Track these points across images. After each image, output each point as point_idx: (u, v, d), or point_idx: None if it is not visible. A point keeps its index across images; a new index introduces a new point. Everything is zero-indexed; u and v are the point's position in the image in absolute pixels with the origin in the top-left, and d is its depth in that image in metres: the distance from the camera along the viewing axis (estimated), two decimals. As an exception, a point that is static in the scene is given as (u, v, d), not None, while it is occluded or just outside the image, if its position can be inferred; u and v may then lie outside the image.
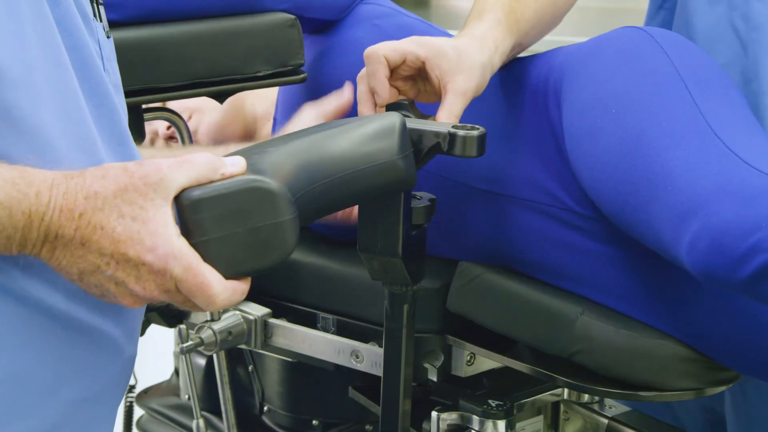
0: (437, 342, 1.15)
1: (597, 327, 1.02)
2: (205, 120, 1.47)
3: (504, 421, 1.12)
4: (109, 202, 0.74)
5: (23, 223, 0.73)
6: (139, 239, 0.74)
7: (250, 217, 0.79)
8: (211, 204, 0.77)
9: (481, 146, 0.95)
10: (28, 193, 0.73)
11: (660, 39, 1.05)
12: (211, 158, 0.77)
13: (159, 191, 0.75)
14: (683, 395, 1.02)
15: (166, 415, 1.47)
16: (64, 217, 0.74)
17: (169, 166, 0.75)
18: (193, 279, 0.75)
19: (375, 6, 1.31)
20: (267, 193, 0.79)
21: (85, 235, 0.74)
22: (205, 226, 0.77)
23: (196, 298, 0.76)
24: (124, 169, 0.75)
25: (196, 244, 0.77)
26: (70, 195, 0.74)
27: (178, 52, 1.15)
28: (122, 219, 0.74)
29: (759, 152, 0.91)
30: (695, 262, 0.87)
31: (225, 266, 0.78)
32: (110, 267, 0.75)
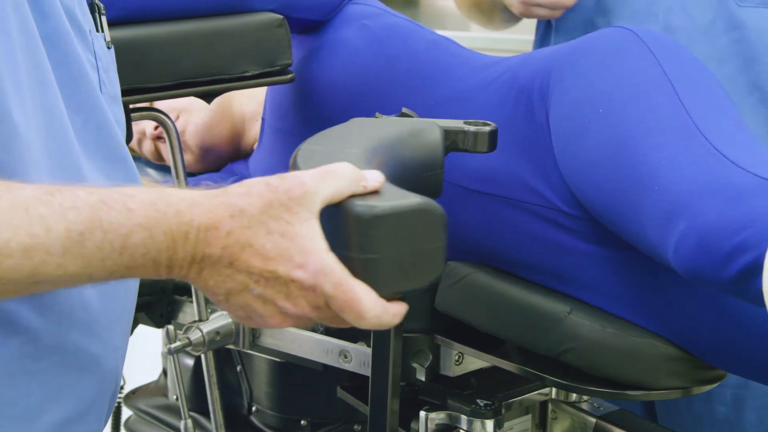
0: (426, 342, 1.15)
1: (585, 326, 1.02)
2: (193, 120, 1.46)
3: (492, 421, 1.12)
4: (256, 219, 0.72)
5: (166, 244, 0.71)
6: (289, 256, 0.72)
7: (418, 238, 0.77)
8: (387, 221, 0.74)
9: (492, 142, 0.95)
10: (167, 213, 0.71)
11: (646, 38, 1.05)
12: (353, 170, 0.75)
13: (304, 204, 0.72)
14: (670, 394, 1.03)
15: (154, 416, 1.47)
16: (211, 235, 0.71)
17: (312, 178, 0.73)
18: (344, 295, 0.73)
19: (363, 6, 1.31)
20: (437, 216, 0.77)
21: (233, 254, 0.72)
22: (376, 244, 0.74)
23: (346, 314, 0.73)
24: (266, 184, 0.73)
25: (361, 259, 0.74)
26: (214, 213, 0.71)
27: (166, 52, 1.15)
28: (270, 236, 0.72)
29: (744, 151, 0.91)
30: (682, 262, 0.87)
31: (382, 285, 0.75)
32: (259, 285, 0.73)
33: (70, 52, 0.80)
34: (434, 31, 1.31)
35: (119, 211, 0.70)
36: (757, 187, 0.86)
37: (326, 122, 1.27)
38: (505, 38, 3.45)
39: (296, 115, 1.31)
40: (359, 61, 1.23)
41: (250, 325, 0.76)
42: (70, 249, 0.68)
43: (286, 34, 1.22)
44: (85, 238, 0.69)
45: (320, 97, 1.27)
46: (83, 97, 0.81)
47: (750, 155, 0.91)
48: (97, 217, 0.69)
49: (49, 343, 0.78)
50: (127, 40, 1.13)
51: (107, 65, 0.87)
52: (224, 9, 1.20)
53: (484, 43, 3.35)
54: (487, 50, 1.46)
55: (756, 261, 0.81)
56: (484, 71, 1.19)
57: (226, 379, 1.41)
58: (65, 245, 0.68)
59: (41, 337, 0.77)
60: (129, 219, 0.70)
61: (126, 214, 0.70)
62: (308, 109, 1.30)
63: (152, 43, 1.15)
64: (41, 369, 0.78)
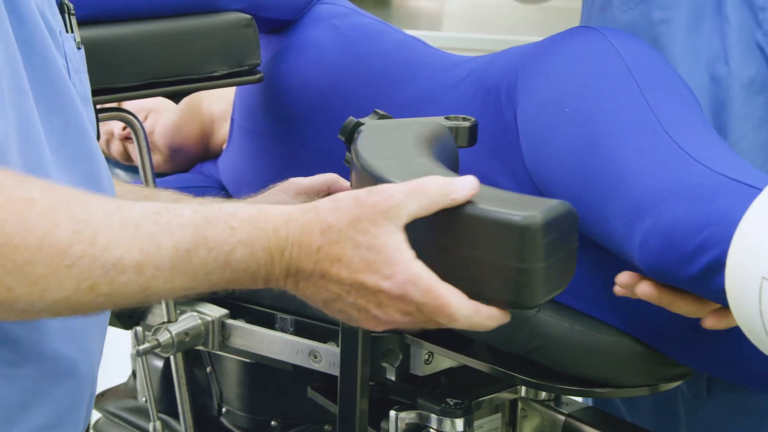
0: (395, 341, 1.15)
1: (552, 325, 1.03)
2: (162, 120, 1.46)
3: (462, 420, 1.12)
4: (344, 234, 0.75)
5: (265, 260, 0.75)
6: (376, 268, 0.75)
7: (567, 241, 0.78)
8: (547, 228, 0.75)
9: (473, 136, 0.97)
10: (266, 230, 0.74)
11: (613, 39, 1.06)
12: (443, 184, 0.77)
13: (390, 218, 0.75)
14: (637, 391, 1.03)
15: (123, 418, 1.46)
16: (303, 252, 0.75)
17: (401, 193, 0.76)
18: (434, 301, 0.76)
19: (332, 6, 1.31)
20: (576, 216, 0.79)
21: (324, 268, 0.75)
22: (538, 252, 0.75)
23: (439, 317, 0.77)
24: (355, 198, 0.76)
25: (519, 269, 0.75)
26: (307, 229, 0.75)
27: (133, 52, 1.14)
28: (358, 249, 0.75)
29: (709, 150, 0.92)
30: (646, 259, 0.88)
31: (538, 294, 0.76)
32: (351, 295, 0.76)
33: (48, 55, 0.80)
34: (406, 31, 1.31)
35: (222, 229, 0.73)
36: (721, 186, 0.87)
37: (295, 122, 1.27)
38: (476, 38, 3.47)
39: (265, 115, 1.31)
40: (328, 60, 1.23)
41: (352, 325, 0.80)
42: (178, 265, 0.71)
43: (255, 33, 1.22)
44: (192, 255, 0.72)
45: (289, 97, 1.27)
46: (63, 101, 0.81)
47: (715, 154, 0.92)
48: (202, 235, 0.72)
49: (28, 350, 0.78)
50: (95, 40, 1.13)
51: (78, 66, 0.87)
52: (192, 9, 1.19)
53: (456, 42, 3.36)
54: (459, 50, 1.47)
55: (718, 258, 0.82)
56: (452, 71, 1.20)
57: (196, 381, 1.40)
58: (173, 261, 0.71)
59: (21, 343, 0.77)
60: (232, 236, 0.73)
61: (229, 231, 0.73)
62: (277, 109, 1.29)
63: (119, 43, 1.15)
64: (20, 375, 0.78)
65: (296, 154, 1.27)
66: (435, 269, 0.77)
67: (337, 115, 1.20)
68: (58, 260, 0.66)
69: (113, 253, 0.68)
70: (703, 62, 1.15)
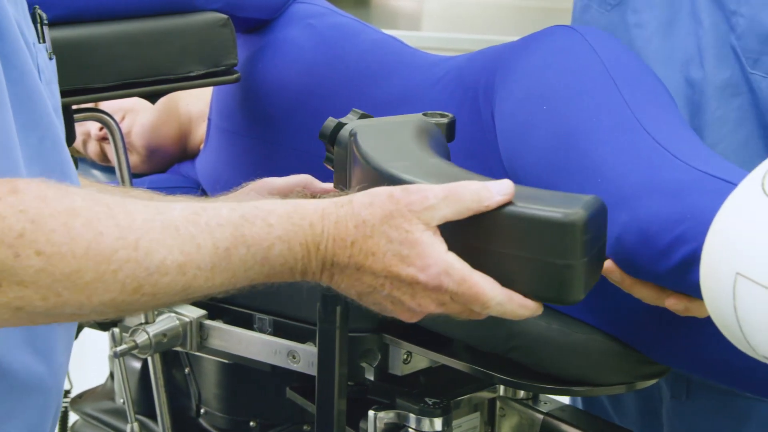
0: (374, 341, 1.15)
1: (530, 323, 1.03)
2: (139, 121, 1.45)
3: (441, 419, 1.12)
4: (378, 229, 0.77)
5: (302, 254, 0.77)
6: (410, 261, 0.77)
7: (601, 236, 0.81)
8: (587, 225, 0.77)
9: (451, 133, 0.98)
10: (302, 225, 0.77)
11: (590, 37, 1.06)
12: (477, 190, 0.79)
13: (422, 218, 0.78)
14: (615, 389, 1.03)
15: (101, 420, 1.45)
16: (338, 245, 0.78)
17: (436, 197, 0.78)
18: (469, 290, 0.78)
19: (309, 5, 1.30)
20: (606, 211, 0.81)
21: (358, 261, 0.78)
22: (580, 248, 0.77)
23: (474, 306, 0.79)
24: (389, 195, 0.78)
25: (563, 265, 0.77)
26: (341, 224, 0.78)
27: (109, 52, 1.14)
28: (391, 244, 0.77)
29: (685, 146, 0.92)
30: (623, 253, 0.88)
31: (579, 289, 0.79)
32: (386, 287, 0.79)
33: (26, 70, 0.81)
34: (385, 30, 1.31)
35: (260, 226, 0.75)
36: (697, 181, 0.87)
37: (272, 122, 1.27)
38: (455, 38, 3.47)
39: (242, 115, 1.31)
40: (305, 60, 1.22)
41: (385, 314, 0.82)
42: (218, 263, 0.73)
43: (231, 33, 1.21)
44: (231, 253, 0.74)
45: (266, 97, 1.27)
46: (38, 115, 0.82)
47: (691, 149, 0.92)
48: (241, 233, 0.74)
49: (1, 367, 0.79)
50: (70, 40, 1.12)
51: (49, 78, 0.88)
52: (168, 8, 1.19)
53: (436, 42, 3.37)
54: (438, 50, 1.47)
55: (693, 253, 0.82)
56: (430, 70, 1.20)
57: (174, 382, 1.40)
58: (213, 260, 0.73)
59: None
60: (269, 233, 0.75)
61: (267, 228, 0.75)
62: (254, 109, 1.29)
63: (95, 43, 1.14)
64: None
65: (273, 154, 1.26)
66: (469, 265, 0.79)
67: (315, 115, 1.19)
68: (104, 266, 0.68)
69: (156, 256, 0.70)
70: (678, 65, 1.15)
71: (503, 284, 0.80)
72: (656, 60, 1.15)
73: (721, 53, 1.13)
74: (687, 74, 1.15)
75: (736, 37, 1.12)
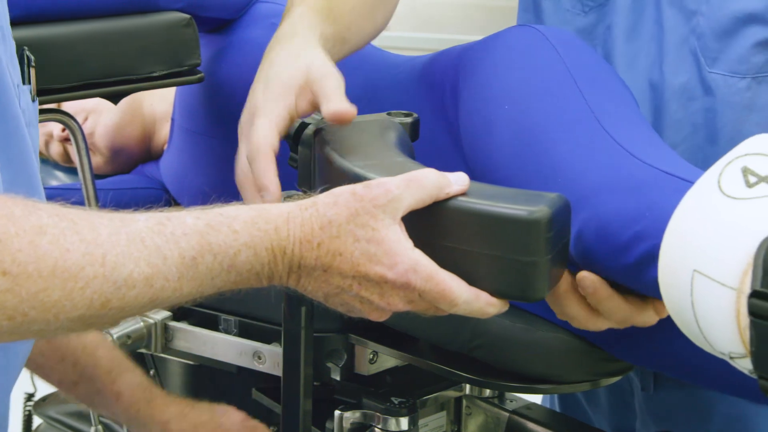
0: (340, 341, 1.15)
1: (494, 322, 1.03)
2: (102, 121, 1.44)
3: (407, 418, 1.12)
4: (344, 228, 0.77)
5: (268, 259, 0.77)
6: (378, 260, 0.77)
7: (564, 233, 0.81)
8: (551, 221, 0.77)
9: (415, 132, 0.98)
10: (268, 230, 0.76)
11: (551, 37, 1.07)
12: (438, 178, 0.80)
13: (388, 212, 0.78)
14: (578, 387, 1.04)
15: (65, 423, 1.44)
16: (305, 248, 0.77)
17: (398, 187, 0.78)
18: (436, 287, 0.78)
19: (272, 5, 1.30)
20: (570, 209, 0.81)
21: (326, 263, 0.78)
22: (543, 245, 0.77)
23: (440, 303, 0.79)
24: (353, 193, 0.78)
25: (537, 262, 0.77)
26: (307, 226, 0.77)
27: (70, 53, 1.13)
28: (358, 243, 0.77)
29: (644, 145, 0.93)
30: (582, 250, 0.88)
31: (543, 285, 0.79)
32: (354, 287, 0.78)
33: (11, 107, 0.80)
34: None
35: (226, 233, 0.75)
36: (655, 179, 0.87)
37: (235, 122, 1.26)
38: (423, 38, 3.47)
39: (205, 115, 1.30)
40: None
41: (353, 315, 0.82)
42: (185, 273, 0.73)
43: (194, 33, 1.21)
44: (198, 262, 0.74)
45: (229, 97, 1.26)
46: (14, 153, 0.82)
47: (649, 148, 0.93)
48: (207, 242, 0.74)
49: None
50: (31, 40, 1.11)
51: (30, 119, 0.87)
52: (130, 8, 1.18)
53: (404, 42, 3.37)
54: (406, 49, 1.47)
55: (652, 250, 0.83)
56: (393, 70, 1.20)
57: (139, 384, 1.39)
58: (180, 270, 0.73)
59: None
60: (235, 240, 0.75)
61: (232, 235, 0.75)
62: (217, 109, 1.28)
63: (56, 43, 1.13)
64: None
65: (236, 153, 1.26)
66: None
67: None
68: (71, 284, 0.68)
69: (123, 270, 0.70)
70: (642, 68, 1.16)
71: (468, 282, 0.80)
72: (622, 63, 1.16)
73: (679, 57, 1.14)
74: (650, 77, 1.16)
75: (696, 37, 1.13)
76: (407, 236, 0.79)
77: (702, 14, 1.12)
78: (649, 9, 1.15)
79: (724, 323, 0.72)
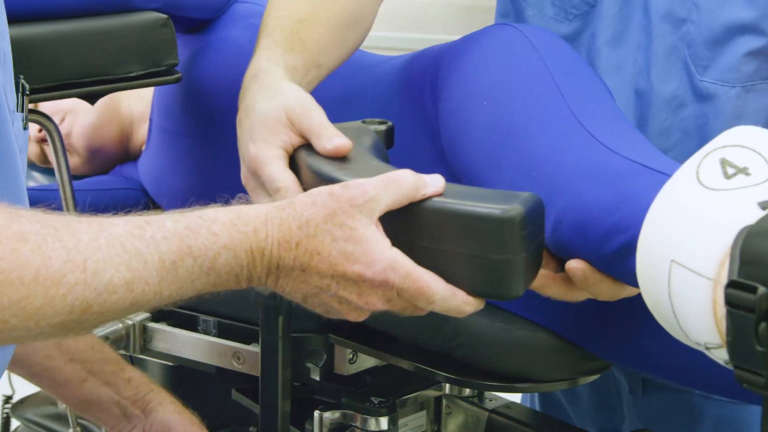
0: (319, 341, 1.15)
1: (473, 321, 1.03)
2: (79, 122, 1.44)
3: (386, 418, 1.12)
4: (321, 228, 0.77)
5: (247, 261, 0.77)
6: (355, 259, 0.78)
7: (539, 232, 0.82)
8: (526, 220, 0.78)
9: (389, 139, 0.98)
10: (246, 232, 0.77)
11: (530, 35, 1.07)
12: (414, 178, 0.81)
13: (365, 212, 0.78)
14: (557, 386, 1.04)
15: (43, 425, 1.44)
16: (283, 248, 0.77)
17: (375, 187, 0.79)
18: (414, 284, 0.79)
19: (251, 5, 1.30)
20: (544, 207, 0.82)
21: (303, 262, 0.78)
22: (518, 243, 0.78)
23: (418, 301, 0.80)
24: (330, 193, 0.78)
25: (500, 260, 0.78)
26: (285, 226, 0.78)
27: (46, 53, 1.12)
28: (336, 242, 0.77)
29: (620, 138, 0.93)
30: (559, 240, 0.88)
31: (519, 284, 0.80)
32: (332, 287, 0.79)
33: (6, 131, 0.81)
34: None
35: (205, 236, 0.75)
36: (632, 171, 0.88)
37: (213, 122, 1.26)
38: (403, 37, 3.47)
39: (184, 115, 1.30)
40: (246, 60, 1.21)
41: (332, 317, 0.82)
42: (165, 277, 0.74)
43: (171, 33, 1.20)
44: (177, 265, 0.74)
45: (207, 97, 1.26)
46: (6, 176, 0.82)
47: (626, 142, 0.93)
48: (186, 245, 0.74)
49: None
50: (6, 40, 1.10)
51: (21, 146, 0.88)
52: (107, 9, 1.18)
53: (384, 42, 3.37)
54: (386, 49, 1.47)
55: (630, 242, 0.83)
56: (372, 70, 1.20)
57: (118, 385, 1.38)
58: (160, 274, 0.73)
59: None
60: (215, 243, 0.75)
61: (212, 238, 0.75)
62: (195, 109, 1.28)
63: (32, 44, 1.12)
64: None
65: (215, 154, 1.26)
66: None
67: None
68: (53, 291, 0.68)
69: (104, 276, 0.70)
70: (628, 76, 1.17)
71: (446, 281, 0.80)
72: (607, 71, 1.17)
73: (668, 65, 1.14)
74: (636, 86, 1.16)
75: (686, 45, 1.13)
76: (384, 236, 0.79)
77: (692, 22, 1.12)
78: (636, 17, 1.16)
79: (701, 313, 0.73)
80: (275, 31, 1.01)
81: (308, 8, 1.03)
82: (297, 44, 1.00)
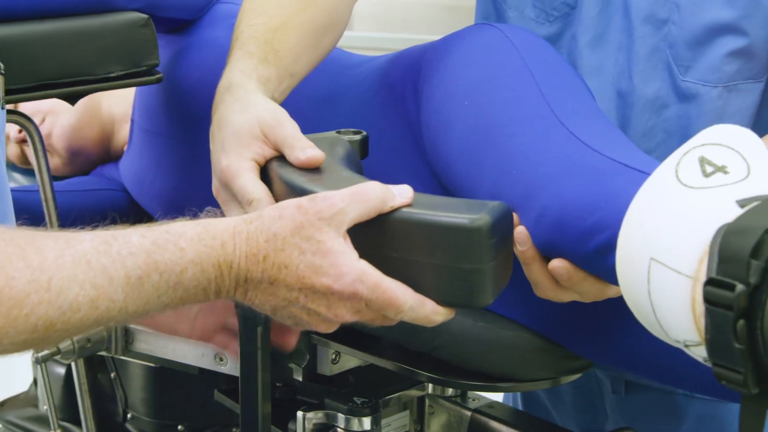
0: (302, 341, 1.15)
1: (455, 320, 1.03)
2: (59, 122, 1.43)
3: (369, 418, 1.12)
4: (289, 241, 0.77)
5: (215, 275, 0.77)
6: (324, 272, 0.77)
7: (507, 240, 0.82)
8: (493, 229, 0.78)
9: (364, 150, 0.99)
10: (214, 246, 0.77)
11: (511, 35, 1.07)
12: (382, 190, 0.81)
13: (333, 225, 0.78)
14: (539, 385, 1.04)
15: (24, 428, 1.43)
16: (250, 261, 0.77)
17: (343, 200, 0.79)
18: (382, 296, 0.79)
19: (232, 6, 1.29)
20: (512, 217, 0.83)
21: (272, 275, 0.78)
22: (488, 252, 0.78)
23: (387, 311, 0.80)
24: (298, 206, 0.78)
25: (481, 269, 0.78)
26: (252, 240, 0.77)
27: (26, 53, 1.12)
28: (303, 255, 0.77)
29: (600, 137, 0.93)
30: (539, 237, 0.89)
31: (488, 293, 0.80)
32: (300, 300, 0.79)
33: None
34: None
35: (172, 251, 0.75)
36: (612, 169, 0.88)
37: (195, 122, 1.26)
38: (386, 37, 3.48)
39: (165, 116, 1.29)
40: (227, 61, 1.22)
41: (301, 329, 0.83)
42: (131, 293, 0.73)
43: (152, 33, 1.20)
44: (144, 281, 0.74)
45: (189, 97, 1.25)
46: None
47: (606, 141, 0.93)
48: (153, 260, 0.74)
49: None
50: (-14, 40, 1.10)
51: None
52: (87, 9, 1.17)
53: (368, 42, 3.37)
54: (369, 49, 1.47)
55: (610, 240, 0.83)
56: (354, 70, 1.20)
57: (100, 387, 1.38)
58: (126, 290, 0.73)
59: None
60: (182, 258, 0.75)
61: (179, 253, 0.75)
62: (177, 110, 1.28)
63: (11, 43, 1.12)
64: None
65: (197, 154, 1.25)
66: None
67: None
68: (16, 311, 0.68)
69: (68, 294, 0.70)
70: (609, 77, 1.17)
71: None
72: (588, 73, 1.17)
73: (650, 66, 1.15)
74: (618, 87, 1.17)
75: (668, 45, 1.14)
76: (352, 248, 0.79)
77: (674, 23, 1.13)
78: (617, 18, 1.16)
79: (680, 311, 0.73)
80: (249, 41, 1.01)
81: (281, 16, 1.02)
82: (271, 54, 1.00)
